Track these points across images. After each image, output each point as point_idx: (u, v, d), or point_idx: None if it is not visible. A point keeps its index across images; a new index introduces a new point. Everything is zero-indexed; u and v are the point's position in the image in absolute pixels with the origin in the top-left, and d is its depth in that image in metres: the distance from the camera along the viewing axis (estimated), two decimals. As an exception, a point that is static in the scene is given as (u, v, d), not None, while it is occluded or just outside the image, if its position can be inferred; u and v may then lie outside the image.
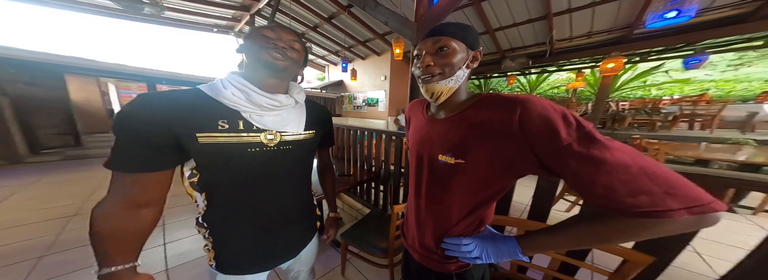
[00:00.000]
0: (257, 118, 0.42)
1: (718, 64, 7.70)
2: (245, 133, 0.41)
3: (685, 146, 2.27)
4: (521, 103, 0.32)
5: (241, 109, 0.40)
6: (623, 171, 0.26)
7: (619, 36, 3.11)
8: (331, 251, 1.40)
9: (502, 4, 2.89)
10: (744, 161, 1.68)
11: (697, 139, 2.93)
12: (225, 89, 0.39)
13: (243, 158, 0.41)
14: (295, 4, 4.03)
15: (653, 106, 4.15)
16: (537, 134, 0.31)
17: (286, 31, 0.43)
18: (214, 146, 0.38)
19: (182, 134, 0.36)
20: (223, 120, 0.39)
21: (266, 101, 0.41)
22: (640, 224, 0.27)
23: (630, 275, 0.54)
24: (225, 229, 0.45)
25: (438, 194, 0.45)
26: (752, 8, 2.30)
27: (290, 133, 0.47)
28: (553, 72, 5.18)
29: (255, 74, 0.42)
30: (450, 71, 0.39)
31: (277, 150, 0.45)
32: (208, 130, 0.38)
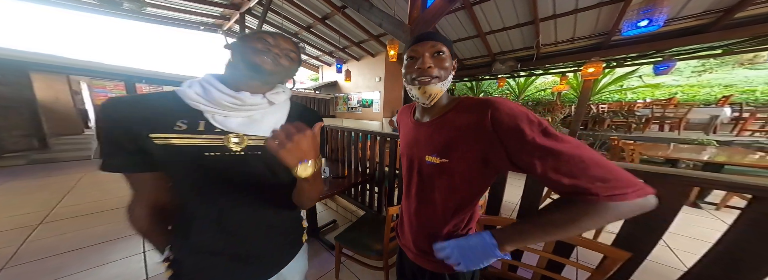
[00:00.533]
0: (220, 119, 0.38)
1: (684, 71, 8.38)
2: (204, 136, 0.37)
3: (656, 147, 2.45)
4: (492, 104, 0.36)
5: (202, 108, 0.37)
6: (578, 161, 0.30)
7: (598, 42, 3.32)
8: (325, 254, 1.38)
9: (492, 8, 2.99)
10: (707, 161, 1.83)
11: (666, 140, 3.16)
12: (189, 88, 0.37)
13: (198, 162, 0.37)
14: (287, 3, 3.94)
15: (628, 109, 4.44)
16: (506, 130, 0.35)
17: (286, 40, 0.41)
18: (168, 148, 0.35)
19: (138, 135, 0.35)
20: (182, 120, 0.36)
21: (226, 99, 0.37)
22: (603, 207, 0.30)
23: (611, 269, 0.58)
24: (184, 244, 0.41)
25: (427, 194, 0.47)
26: (713, 19, 2.54)
27: (260, 137, 0.41)
28: (539, 75, 5.43)
29: (236, 74, 0.39)
30: (445, 75, 0.42)
31: (244, 156, 0.40)
32: (163, 130, 0.35)
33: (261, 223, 0.45)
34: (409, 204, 0.53)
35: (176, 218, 0.41)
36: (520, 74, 5.10)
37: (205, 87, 0.37)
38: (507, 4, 2.87)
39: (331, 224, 1.72)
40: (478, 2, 2.92)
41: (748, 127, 3.38)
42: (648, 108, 4.23)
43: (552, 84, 6.22)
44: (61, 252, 1.27)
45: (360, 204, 1.77)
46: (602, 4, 2.56)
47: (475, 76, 5.26)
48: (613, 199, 0.29)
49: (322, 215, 1.90)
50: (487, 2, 2.88)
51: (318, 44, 5.47)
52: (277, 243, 0.48)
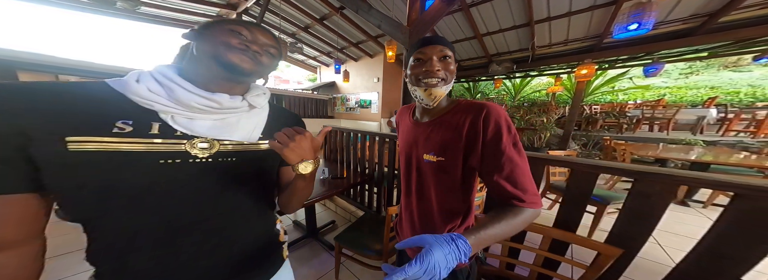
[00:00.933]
0: (183, 122, 0.31)
1: (672, 73, 8.66)
2: (159, 139, 0.30)
3: (646, 147, 2.52)
4: (487, 107, 0.42)
5: (159, 108, 0.30)
6: (523, 173, 0.39)
7: (591, 44, 3.40)
8: (324, 254, 1.38)
9: (489, 10, 3.03)
10: (694, 160, 1.90)
11: (656, 140, 3.26)
12: (137, 83, 0.29)
13: (149, 172, 0.29)
14: (285, 4, 3.91)
15: (620, 110, 4.56)
16: (491, 132, 0.40)
17: (264, 33, 0.36)
18: (94, 156, 0.26)
19: (39, 137, 0.25)
20: (125, 121, 0.28)
21: (197, 100, 0.31)
22: (524, 213, 0.37)
23: (604, 266, 0.60)
24: (119, 274, 0.31)
25: (426, 191, 0.50)
26: (698, 23, 2.64)
27: (235, 142, 0.36)
28: (534, 76, 5.52)
29: (203, 71, 0.32)
30: (450, 77, 0.45)
31: (213, 163, 0.34)
32: (92, 132, 0.26)
33: (228, 242, 0.37)
34: (408, 201, 0.55)
35: (96, 244, 0.30)
36: (516, 75, 5.19)
37: (165, 84, 0.30)
38: (503, 6, 2.92)
39: (331, 225, 1.72)
40: (475, 4, 2.95)
41: (732, 127, 3.51)
42: (638, 109, 4.35)
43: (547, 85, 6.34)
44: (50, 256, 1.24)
45: (359, 204, 1.77)
46: (594, 7, 2.62)
47: (472, 77, 5.33)
48: (530, 206, 0.37)
49: (321, 215, 1.90)
50: (483, 4, 2.91)
51: (316, 45, 5.45)
52: (248, 264, 0.39)
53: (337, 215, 1.88)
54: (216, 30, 0.32)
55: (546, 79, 6.74)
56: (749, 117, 3.49)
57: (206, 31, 0.33)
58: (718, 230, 0.54)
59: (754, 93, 6.15)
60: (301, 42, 5.30)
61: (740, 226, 0.51)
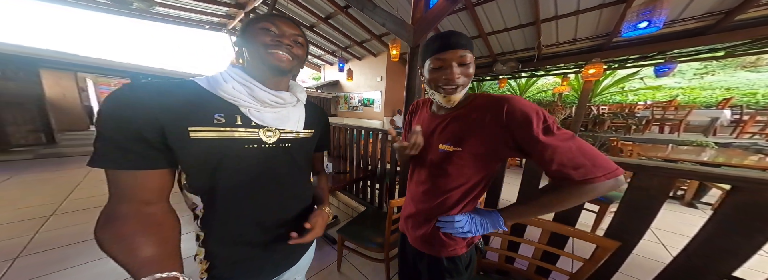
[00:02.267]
0: (256, 114, 0.40)
1: (687, 73, 8.37)
2: (242, 129, 0.38)
3: (654, 148, 2.47)
4: (507, 101, 0.41)
5: (241, 103, 0.38)
6: (568, 152, 0.38)
7: (599, 43, 3.33)
8: (326, 247, 1.42)
9: (494, 9, 3.01)
10: (705, 161, 1.85)
11: (665, 141, 3.18)
12: (225, 82, 0.37)
13: (240, 155, 0.38)
14: (292, 3, 3.98)
15: (629, 111, 4.45)
16: (518, 124, 0.40)
17: (288, 23, 0.40)
18: (207, 142, 0.35)
19: (171, 128, 0.32)
20: (219, 114, 0.36)
21: (270, 97, 0.40)
22: (582, 189, 0.38)
23: (602, 259, 0.61)
24: (223, 237, 0.41)
25: (438, 179, 0.51)
26: (713, 21, 2.55)
27: (289, 131, 0.45)
28: (540, 76, 5.43)
29: (258, 72, 0.40)
30: (469, 81, 0.46)
31: (276, 148, 0.43)
32: (203, 123, 0.35)
33: (292, 213, 0.48)
34: (417, 189, 0.56)
35: (208, 212, 0.39)
36: (522, 75, 5.12)
37: (245, 84, 0.39)
38: (509, 5, 2.89)
39: (333, 220, 1.76)
40: (480, 3, 2.94)
41: (747, 129, 3.39)
42: (648, 110, 4.24)
43: (553, 85, 6.25)
44: (68, 244, 1.32)
45: (361, 200, 1.80)
46: (603, 5, 2.57)
47: (476, 76, 5.30)
48: (586, 182, 0.37)
49: None
50: (489, 3, 2.90)
51: (321, 43, 5.51)
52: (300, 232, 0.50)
53: (339, 211, 1.92)
54: (251, 32, 0.38)
55: (552, 79, 6.63)
56: (765, 119, 3.37)
57: (246, 36, 0.39)
58: (714, 223, 0.55)
59: (772, 94, 5.90)
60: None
61: (737, 218, 0.52)
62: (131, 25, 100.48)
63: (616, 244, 0.60)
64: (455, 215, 0.49)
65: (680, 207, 2.04)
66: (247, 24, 0.39)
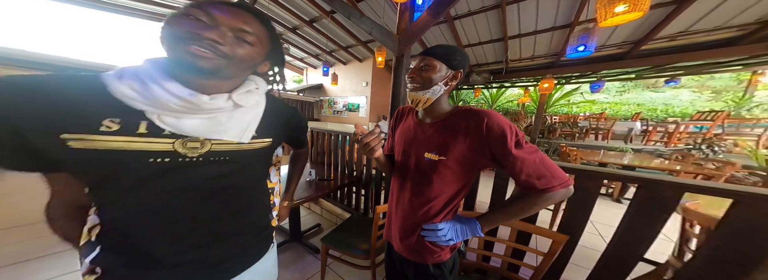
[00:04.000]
0: (170, 121, 0.31)
1: (611, 90, 10.34)
2: (145, 139, 0.30)
3: (592, 153, 3.00)
4: (487, 115, 0.46)
5: (143, 107, 0.29)
6: (532, 164, 0.44)
7: (551, 61, 3.96)
8: (309, 258, 1.36)
9: (470, 23, 3.34)
10: (626, 164, 2.33)
11: (600, 147, 3.87)
12: (119, 80, 0.28)
13: (140, 170, 0.30)
14: (273, 4, 3.75)
15: (573, 121, 5.30)
16: (495, 138, 0.45)
17: (233, 13, 0.30)
18: (90, 154, 0.27)
19: (36, 134, 0.26)
20: (111, 119, 0.28)
21: (174, 102, 0.29)
22: (543, 196, 0.45)
23: (556, 251, 0.73)
24: (117, 258, 0.33)
25: (423, 187, 0.53)
26: (627, 49, 3.30)
27: (227, 142, 0.35)
28: (508, 87, 6.14)
29: (176, 70, 0.30)
30: (427, 85, 0.49)
31: (204, 162, 0.34)
32: (84, 130, 0.27)
33: (228, 236, 0.39)
34: (402, 196, 0.57)
35: (104, 228, 0.32)
36: (493, 86, 5.71)
37: (146, 82, 0.29)
38: (482, 21, 3.24)
39: (316, 228, 1.69)
40: (458, 17, 3.22)
41: (652, 138, 4.33)
42: (587, 120, 5.11)
43: (517, 96, 7.06)
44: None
45: (346, 207, 1.78)
46: (555, 28, 3.07)
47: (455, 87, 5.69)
48: (546, 190, 0.44)
49: (306, 219, 1.86)
50: (466, 18, 3.19)
51: (304, 46, 5.29)
52: (243, 255, 0.43)
53: (322, 218, 1.86)
54: (172, 20, 0.28)
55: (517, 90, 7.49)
56: (663, 130, 4.35)
57: (166, 23, 0.28)
58: (629, 216, 0.71)
59: (666, 110, 7.66)
60: (288, 42, 5.12)
61: (641, 211, 0.68)
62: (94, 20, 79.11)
63: (565, 237, 0.73)
64: (438, 224, 0.52)
65: (610, 203, 2.50)
66: (176, 11, 0.29)
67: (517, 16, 2.98)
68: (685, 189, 0.61)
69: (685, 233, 0.90)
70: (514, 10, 2.86)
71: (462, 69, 0.50)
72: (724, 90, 8.55)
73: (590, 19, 2.73)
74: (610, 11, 1.17)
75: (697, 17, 2.49)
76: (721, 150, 2.94)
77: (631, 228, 0.71)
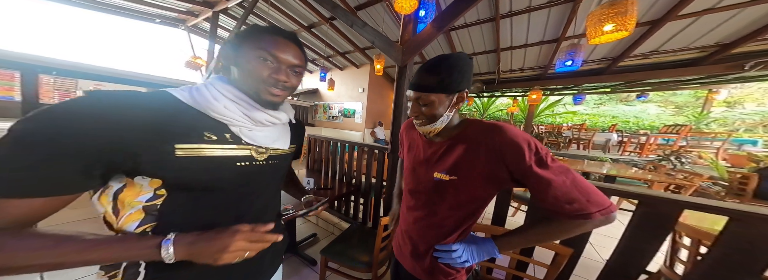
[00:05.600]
0: (247, 133, 0.39)
1: (590, 103, 11.12)
2: (234, 146, 0.37)
3: (576, 162, 3.17)
4: (499, 130, 0.42)
5: (232, 123, 0.36)
6: (562, 186, 0.38)
7: (539, 73, 4.23)
8: (305, 270, 1.28)
9: (466, 35, 3.50)
10: (605, 174, 2.49)
11: (582, 156, 4.10)
12: (216, 101, 0.34)
13: (232, 171, 0.37)
14: (273, 9, 3.69)
15: (558, 131, 5.61)
16: (510, 155, 0.40)
17: (291, 50, 0.37)
18: (197, 160, 0.33)
19: (150, 147, 0.29)
20: (208, 132, 0.34)
21: (267, 118, 0.39)
22: (574, 223, 0.39)
23: (561, 264, 0.74)
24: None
25: (434, 207, 0.50)
26: (605, 65, 3.63)
27: (279, 149, 0.45)
28: (498, 97, 6.41)
29: (251, 94, 0.37)
30: (433, 118, 0.46)
31: (265, 165, 0.42)
32: (191, 140, 0.32)
33: (273, 215, 0.49)
34: (412, 216, 0.55)
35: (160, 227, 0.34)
36: (485, 95, 5.94)
37: (241, 104, 0.36)
38: (477, 33, 3.40)
39: (312, 238, 1.61)
40: (455, 29, 3.36)
41: (627, 148, 4.68)
42: (570, 131, 5.43)
43: (507, 106, 7.39)
44: None
45: (344, 216, 1.72)
46: (543, 42, 3.29)
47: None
48: (579, 217, 0.38)
49: (301, 228, 1.77)
50: (461, 29, 3.34)
51: None
52: (275, 250, 0.49)
53: (318, 228, 1.78)
54: (246, 55, 0.35)
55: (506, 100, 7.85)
56: (636, 141, 4.72)
57: (239, 54, 0.36)
58: (630, 230, 0.74)
59: (637, 122, 8.35)
60: None
61: (642, 225, 0.72)
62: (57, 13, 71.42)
63: (569, 250, 0.74)
64: (452, 245, 0.49)
65: None
66: (243, 40, 0.36)
67: (509, 30, 3.16)
68: (684, 206, 0.64)
69: (675, 244, 0.96)
70: (507, 24, 3.03)
71: (466, 88, 0.45)
72: (684, 105, 9.52)
73: (576, 35, 2.95)
74: (599, 30, 1.26)
75: (667, 38, 2.78)
76: (688, 161, 3.22)
77: (632, 243, 0.73)
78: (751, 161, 3.15)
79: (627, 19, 1.17)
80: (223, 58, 0.38)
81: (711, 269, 0.62)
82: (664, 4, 2.27)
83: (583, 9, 2.49)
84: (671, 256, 0.97)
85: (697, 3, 2.17)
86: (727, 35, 2.59)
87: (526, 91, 4.99)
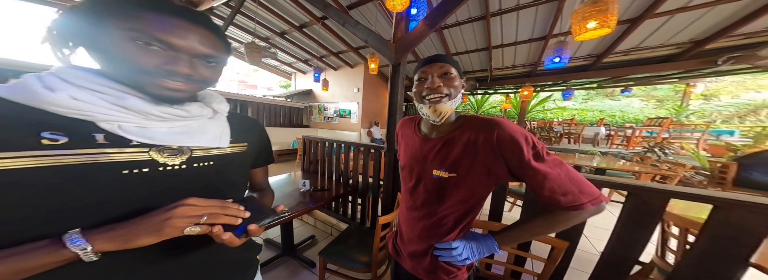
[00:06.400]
0: (135, 130, 0.28)
1: (578, 98, 11.47)
2: (112, 149, 0.27)
3: (568, 156, 3.26)
4: (497, 125, 0.42)
5: (98, 118, 0.26)
6: (557, 179, 0.39)
7: (529, 70, 4.32)
8: (304, 272, 1.26)
9: (458, 33, 3.54)
10: (596, 166, 2.57)
11: (573, 150, 4.23)
12: (50, 92, 0.24)
13: (110, 183, 0.26)
14: (261, 8, 3.59)
15: (549, 126, 5.75)
16: (508, 150, 0.41)
17: (197, 32, 0.27)
18: (32, 174, 0.22)
19: None
20: (51, 133, 0.24)
21: (161, 109, 0.28)
22: (569, 214, 0.41)
23: (558, 258, 0.74)
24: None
25: (433, 206, 0.50)
26: (591, 62, 3.75)
27: (208, 148, 0.35)
28: (491, 94, 6.51)
29: (132, 84, 0.27)
30: (455, 93, 0.46)
31: (188, 169, 0.32)
32: (11, 146, 0.22)
33: (202, 257, 0.35)
34: (411, 215, 0.54)
35: None
36: (478, 92, 6.02)
37: (102, 91, 0.26)
38: (469, 31, 3.44)
39: (310, 240, 1.59)
40: (448, 27, 3.39)
41: (614, 141, 4.85)
42: (560, 126, 5.58)
43: (500, 102, 7.51)
44: None
45: (341, 217, 1.70)
46: (532, 40, 3.37)
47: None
48: (573, 208, 0.39)
49: (299, 231, 1.74)
50: (454, 27, 3.37)
51: (292, 51, 5.13)
52: (235, 273, 0.40)
53: (316, 230, 1.75)
54: (111, 33, 0.24)
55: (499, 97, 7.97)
56: (622, 134, 4.89)
57: (100, 32, 0.24)
58: (621, 222, 0.75)
59: (623, 116, 8.68)
60: (276, 47, 4.92)
61: (633, 216, 0.73)
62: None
63: (565, 244, 0.75)
64: (452, 242, 0.48)
65: None
66: (102, 10, 0.24)
67: (500, 27, 3.21)
68: (670, 196, 0.66)
69: (665, 234, 0.99)
70: (497, 22, 3.08)
71: (464, 78, 0.49)
72: (665, 99, 9.95)
73: (563, 33, 3.03)
74: (583, 27, 1.30)
75: (646, 35, 2.93)
76: (671, 153, 3.36)
77: (624, 234, 0.75)
78: (729, 150, 3.33)
79: (608, 16, 1.21)
80: (62, 37, 0.26)
81: (699, 256, 0.64)
82: (642, 3, 2.37)
83: (568, 7, 2.56)
84: (662, 246, 1.00)
85: (672, 1, 2.29)
86: (699, 32, 2.74)
87: (517, 87, 5.09)
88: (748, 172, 2.32)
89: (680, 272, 0.68)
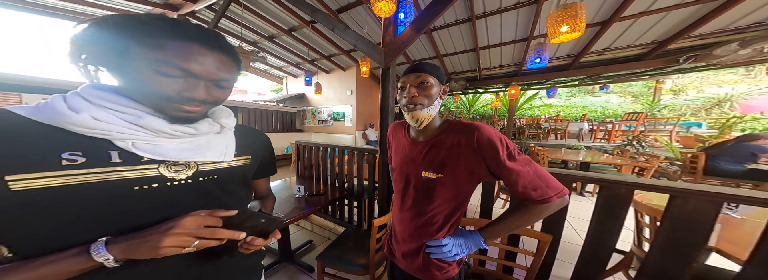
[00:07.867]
0: (147, 147, 0.30)
1: (562, 95, 11.96)
2: (124, 167, 0.28)
3: (555, 151, 3.41)
4: (477, 129, 0.47)
5: (115, 136, 0.28)
6: (527, 175, 0.44)
7: (515, 70, 4.54)
8: (303, 278, 1.26)
9: (446, 35, 3.64)
10: (581, 161, 2.71)
11: (560, 145, 4.43)
12: (74, 113, 0.26)
13: (123, 199, 0.28)
14: (247, 12, 3.51)
15: (537, 123, 5.97)
16: (486, 151, 0.45)
17: (215, 57, 0.29)
18: (52, 193, 0.24)
19: None
20: (70, 153, 0.26)
21: (174, 126, 0.30)
22: (540, 207, 0.45)
23: (544, 251, 0.79)
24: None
25: (424, 206, 0.53)
26: (570, 61, 4.00)
27: (214, 162, 0.36)
28: (482, 93, 6.70)
29: (149, 104, 0.29)
30: (429, 102, 0.49)
31: (193, 184, 0.33)
32: (36, 168, 0.24)
33: (223, 261, 0.37)
34: (403, 216, 0.57)
35: None
36: (469, 92, 6.18)
37: (120, 110, 0.28)
38: (456, 33, 3.56)
39: (307, 245, 1.58)
40: (436, 29, 3.49)
41: (597, 136, 5.11)
42: (547, 122, 5.81)
43: (490, 101, 7.72)
44: None
45: (338, 220, 1.71)
46: (515, 41, 3.55)
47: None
48: (542, 201, 0.44)
49: (296, 236, 1.73)
50: (442, 29, 3.48)
51: (282, 55, 5.05)
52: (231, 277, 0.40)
53: (313, 234, 1.75)
54: (137, 64, 0.26)
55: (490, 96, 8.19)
56: (604, 129, 5.16)
57: (124, 58, 0.26)
58: (597, 212, 0.82)
59: (603, 112, 9.14)
60: (265, 51, 4.82)
61: (606, 207, 0.80)
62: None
63: (549, 237, 0.80)
64: (442, 239, 0.52)
65: (575, 196, 2.86)
66: (129, 37, 0.25)
67: (485, 29, 3.35)
68: (635, 187, 0.73)
69: (639, 223, 1.07)
70: (482, 24, 3.22)
71: (446, 83, 0.53)
72: (639, 95, 10.54)
73: (542, 35, 3.19)
74: (557, 30, 1.40)
75: (616, 37, 3.19)
76: (647, 145, 3.58)
77: (600, 224, 0.82)
78: (697, 141, 3.59)
79: (578, 21, 1.31)
80: (85, 55, 0.27)
81: (664, 243, 0.71)
82: (610, 7, 2.60)
83: (545, 10, 2.71)
84: (638, 235, 1.08)
85: (635, 6, 2.52)
86: (661, 34, 3.03)
87: (505, 87, 5.26)
88: (715, 161, 2.51)
89: (651, 258, 0.74)
